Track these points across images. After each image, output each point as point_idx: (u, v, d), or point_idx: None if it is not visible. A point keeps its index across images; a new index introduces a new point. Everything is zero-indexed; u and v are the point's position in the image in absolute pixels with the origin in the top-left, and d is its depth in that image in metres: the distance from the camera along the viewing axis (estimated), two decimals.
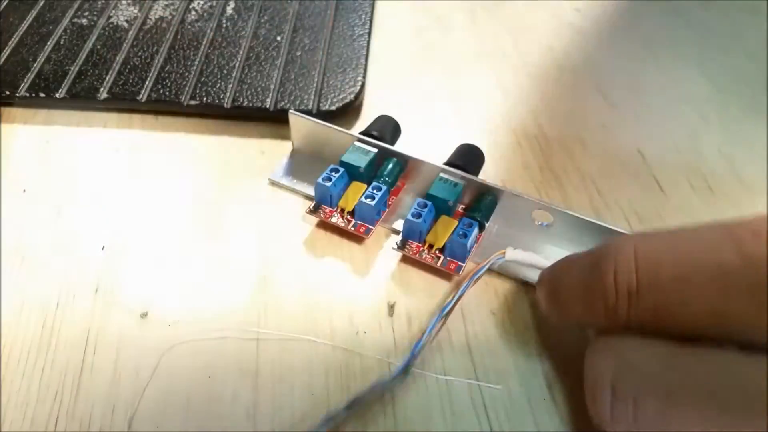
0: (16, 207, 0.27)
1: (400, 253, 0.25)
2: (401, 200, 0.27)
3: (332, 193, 0.25)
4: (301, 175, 0.28)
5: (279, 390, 0.21)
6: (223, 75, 0.32)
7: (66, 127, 0.31)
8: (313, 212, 0.26)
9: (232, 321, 0.23)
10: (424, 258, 0.24)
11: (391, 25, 0.37)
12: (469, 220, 0.25)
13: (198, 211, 0.27)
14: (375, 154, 0.26)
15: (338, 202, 0.26)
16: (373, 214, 0.25)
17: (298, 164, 0.29)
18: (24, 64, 0.32)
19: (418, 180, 0.27)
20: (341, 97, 0.31)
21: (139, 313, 0.23)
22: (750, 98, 0.32)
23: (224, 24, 0.35)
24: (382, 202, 0.25)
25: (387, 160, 0.26)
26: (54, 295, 0.24)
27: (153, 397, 0.21)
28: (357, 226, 0.25)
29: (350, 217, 0.25)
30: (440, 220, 0.25)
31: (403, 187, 0.27)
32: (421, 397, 0.21)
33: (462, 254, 0.24)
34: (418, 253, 0.24)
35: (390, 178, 0.26)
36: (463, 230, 0.24)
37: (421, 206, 0.25)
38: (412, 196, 0.27)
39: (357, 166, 0.26)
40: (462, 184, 0.25)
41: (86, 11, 0.36)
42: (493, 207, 0.25)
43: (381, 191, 0.25)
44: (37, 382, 0.22)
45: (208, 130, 0.31)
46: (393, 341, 0.23)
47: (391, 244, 0.26)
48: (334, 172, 0.26)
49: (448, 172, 0.25)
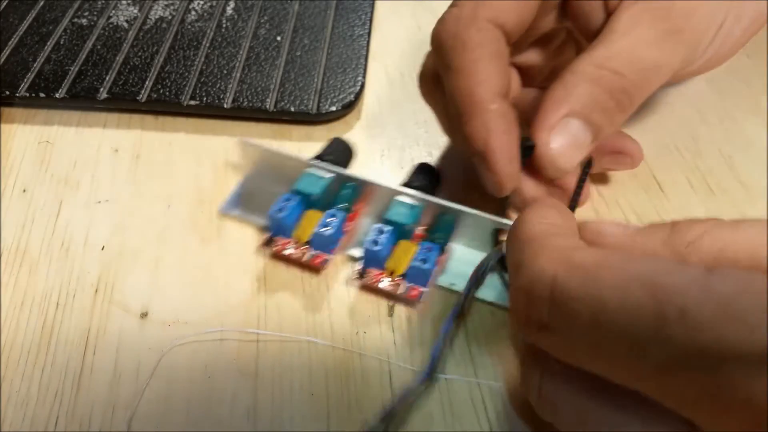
0: (16, 207, 0.27)
1: (359, 281, 0.24)
2: (359, 224, 0.26)
3: (286, 223, 0.24)
4: (254, 205, 0.26)
5: (279, 390, 0.21)
6: (223, 75, 0.32)
7: (66, 127, 0.31)
8: (266, 245, 0.24)
9: (231, 321, 0.23)
10: (386, 287, 0.23)
11: (391, 25, 0.37)
12: (428, 243, 0.24)
13: (198, 211, 0.27)
14: (329, 180, 0.25)
15: (293, 233, 0.24)
16: (329, 244, 0.24)
17: (250, 193, 0.27)
18: (24, 64, 0.32)
19: (376, 203, 0.25)
20: (341, 97, 0.31)
21: (139, 313, 0.23)
22: (750, 98, 0.32)
23: (224, 24, 0.35)
24: (339, 230, 0.24)
25: (342, 185, 0.25)
26: (54, 295, 0.24)
27: (153, 398, 0.21)
28: (313, 258, 0.24)
29: (306, 247, 0.24)
30: (399, 245, 0.24)
31: (360, 211, 0.26)
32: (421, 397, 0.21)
33: (423, 280, 0.23)
34: (378, 281, 0.23)
35: (346, 203, 0.25)
36: (423, 255, 0.23)
37: (378, 232, 0.24)
38: (371, 219, 0.26)
39: (311, 194, 0.25)
40: (420, 206, 0.24)
41: (86, 11, 0.36)
42: (452, 228, 0.24)
43: (337, 219, 0.24)
44: (37, 382, 0.22)
45: (208, 130, 0.31)
46: (393, 341, 0.23)
47: (349, 272, 0.25)
48: (287, 201, 0.24)
49: (405, 194, 0.24)
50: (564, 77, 0.22)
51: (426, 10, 0.38)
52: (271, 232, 0.25)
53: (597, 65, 0.22)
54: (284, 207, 0.24)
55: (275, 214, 0.24)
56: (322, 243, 0.24)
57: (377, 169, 0.29)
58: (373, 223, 0.25)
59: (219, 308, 0.24)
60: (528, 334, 0.16)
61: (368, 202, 0.26)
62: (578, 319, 0.14)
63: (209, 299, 0.24)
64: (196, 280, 0.24)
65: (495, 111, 0.22)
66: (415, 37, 0.36)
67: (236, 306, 0.24)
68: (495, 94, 0.22)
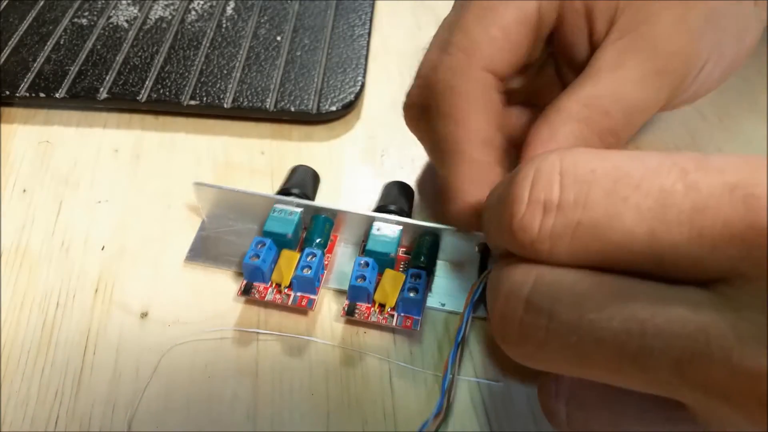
0: (16, 207, 0.27)
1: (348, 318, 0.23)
2: (337, 254, 0.25)
3: (263, 270, 0.23)
4: (220, 249, 0.25)
5: (279, 390, 0.21)
6: (223, 75, 0.32)
7: (66, 127, 0.31)
8: (245, 293, 0.23)
9: (231, 321, 0.23)
10: (378, 320, 0.23)
11: (391, 25, 0.37)
12: (415, 270, 0.23)
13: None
14: (300, 214, 0.24)
15: (271, 277, 0.23)
16: (313, 284, 0.23)
17: (215, 236, 0.25)
18: (24, 64, 0.32)
19: (351, 229, 0.25)
20: (341, 97, 0.31)
21: (139, 313, 0.23)
22: (750, 98, 0.32)
23: (224, 24, 0.35)
24: (320, 267, 0.23)
25: (314, 217, 0.24)
26: (54, 295, 0.24)
27: (153, 397, 0.21)
28: (298, 300, 0.23)
29: (288, 290, 0.23)
30: (385, 275, 0.23)
31: (336, 240, 0.25)
32: (421, 396, 0.21)
33: (417, 308, 0.22)
34: (369, 316, 0.23)
35: (322, 238, 0.24)
36: (412, 284, 0.22)
37: (362, 266, 0.23)
38: (348, 246, 0.25)
39: (284, 234, 0.23)
40: (400, 231, 0.24)
41: (86, 11, 0.36)
42: (436, 248, 0.24)
43: (317, 256, 0.23)
44: (37, 382, 0.22)
45: (208, 130, 0.31)
46: (393, 340, 0.23)
47: (336, 307, 0.24)
48: (260, 245, 0.23)
49: (382, 220, 0.24)
50: (549, 116, 0.22)
51: (426, 10, 0.38)
52: (245, 279, 0.23)
53: (584, 104, 0.21)
54: (258, 253, 0.23)
55: (251, 261, 0.23)
56: (305, 284, 0.23)
57: (377, 170, 0.29)
58: (350, 247, 0.25)
59: (219, 308, 0.24)
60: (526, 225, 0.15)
61: (343, 229, 0.25)
62: (597, 187, 0.14)
63: (209, 299, 0.24)
64: (196, 280, 0.24)
65: (476, 161, 0.22)
66: (415, 37, 0.36)
67: (236, 305, 0.24)
68: (481, 142, 0.22)
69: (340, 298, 0.24)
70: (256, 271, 0.23)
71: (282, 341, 0.23)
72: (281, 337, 0.23)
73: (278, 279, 0.23)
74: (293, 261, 0.23)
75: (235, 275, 0.25)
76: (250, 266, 0.23)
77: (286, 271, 0.23)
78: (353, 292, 0.23)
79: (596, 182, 0.14)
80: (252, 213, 0.25)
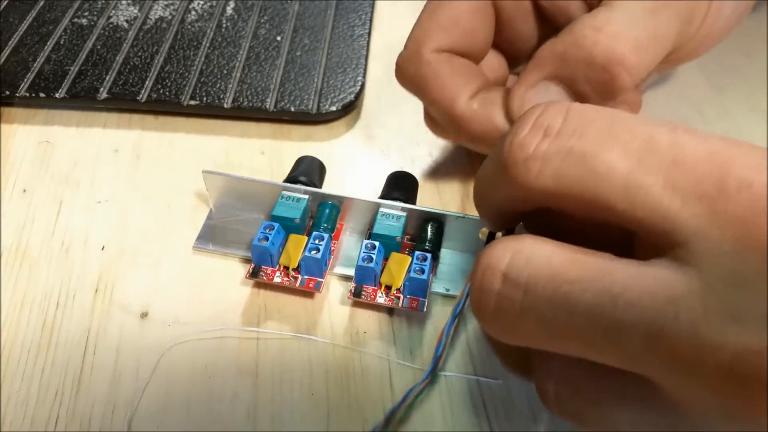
0: (16, 207, 0.27)
1: (355, 299, 0.23)
2: (342, 242, 0.25)
3: (272, 252, 0.23)
4: (228, 236, 0.26)
5: (279, 389, 0.21)
6: (223, 75, 0.32)
7: (66, 127, 0.31)
8: (253, 276, 0.24)
9: (231, 321, 0.23)
10: (384, 302, 0.23)
11: (391, 25, 0.37)
12: (422, 253, 0.23)
13: (198, 211, 0.27)
14: (307, 201, 0.25)
15: (279, 260, 0.24)
16: (320, 266, 0.23)
17: (222, 224, 0.26)
18: (24, 64, 0.32)
19: (357, 217, 0.25)
20: (341, 97, 0.31)
21: (139, 313, 0.23)
22: (749, 97, 0.32)
23: (224, 24, 0.35)
24: (328, 251, 0.24)
25: (321, 204, 0.25)
26: (54, 295, 0.24)
27: (153, 397, 0.21)
28: (305, 282, 0.23)
29: (295, 272, 0.24)
30: (391, 258, 0.23)
31: (342, 228, 0.25)
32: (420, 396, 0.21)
33: (423, 290, 0.23)
34: (376, 298, 0.23)
35: (329, 224, 0.24)
36: (419, 266, 0.23)
37: (369, 248, 0.23)
38: (354, 233, 0.26)
39: (291, 218, 0.24)
40: (405, 217, 0.24)
41: (86, 11, 0.36)
42: (441, 233, 0.24)
43: (324, 240, 0.23)
44: (37, 382, 0.22)
45: (208, 130, 0.31)
46: (393, 340, 0.23)
47: (341, 290, 0.24)
48: (268, 229, 0.23)
49: (388, 206, 0.24)
50: (555, 39, 0.22)
51: None
52: (254, 263, 0.24)
53: (595, 28, 0.21)
54: (267, 235, 0.23)
55: (260, 243, 0.23)
56: (313, 266, 0.23)
57: (377, 169, 0.29)
58: (355, 236, 0.25)
59: (219, 308, 0.24)
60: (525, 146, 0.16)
61: (349, 216, 0.25)
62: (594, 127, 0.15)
63: (209, 299, 0.24)
64: (196, 279, 0.24)
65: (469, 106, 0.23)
66: None
67: (236, 305, 0.24)
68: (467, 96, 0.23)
69: (346, 284, 0.24)
70: (264, 254, 0.23)
71: (282, 341, 0.23)
72: (281, 336, 0.23)
73: (286, 261, 0.23)
74: (301, 244, 0.24)
75: (241, 263, 0.25)
76: (259, 248, 0.23)
77: (294, 253, 0.23)
78: (360, 272, 0.23)
79: (597, 120, 0.15)
80: (259, 202, 0.25)
